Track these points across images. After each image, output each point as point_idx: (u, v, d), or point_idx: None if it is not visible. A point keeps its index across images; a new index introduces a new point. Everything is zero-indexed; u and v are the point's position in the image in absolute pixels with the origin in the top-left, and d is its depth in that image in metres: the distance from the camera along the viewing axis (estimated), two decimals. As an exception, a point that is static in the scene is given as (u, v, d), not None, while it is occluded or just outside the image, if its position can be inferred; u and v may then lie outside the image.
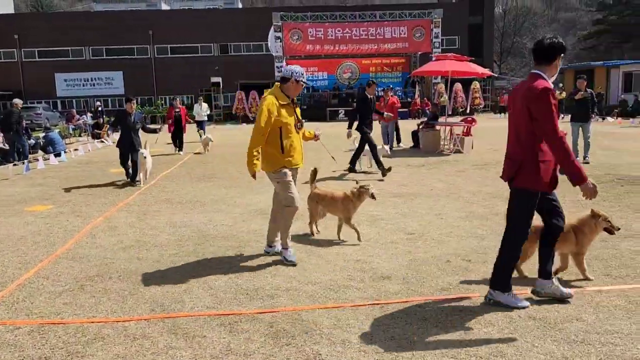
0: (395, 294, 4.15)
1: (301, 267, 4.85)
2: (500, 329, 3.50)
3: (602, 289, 4.11)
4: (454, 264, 4.80)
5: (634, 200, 7.30)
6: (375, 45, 33.16)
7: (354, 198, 5.60)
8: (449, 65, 13.67)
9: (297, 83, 4.91)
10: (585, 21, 64.15)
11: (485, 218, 6.50)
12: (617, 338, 3.31)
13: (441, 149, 13.98)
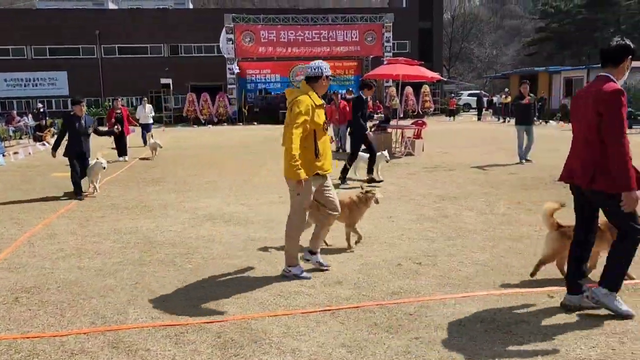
0: (346, 300, 4.10)
1: (249, 273, 4.74)
2: (450, 332, 3.50)
3: (549, 290, 4.20)
4: (405, 267, 4.81)
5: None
6: (327, 48, 33.33)
7: (360, 203, 5.43)
8: (400, 69, 13.85)
9: (326, 79, 4.59)
10: (528, 29, 66.70)
11: (436, 220, 6.57)
12: (563, 339, 3.37)
13: (393, 151, 14.12)
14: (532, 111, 12.14)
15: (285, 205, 7.69)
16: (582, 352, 3.21)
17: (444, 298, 4.07)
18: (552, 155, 12.76)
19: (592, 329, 3.50)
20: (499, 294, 4.13)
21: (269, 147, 16.70)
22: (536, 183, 9.03)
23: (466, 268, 4.77)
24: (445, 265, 4.85)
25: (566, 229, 4.31)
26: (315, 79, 4.55)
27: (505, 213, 6.88)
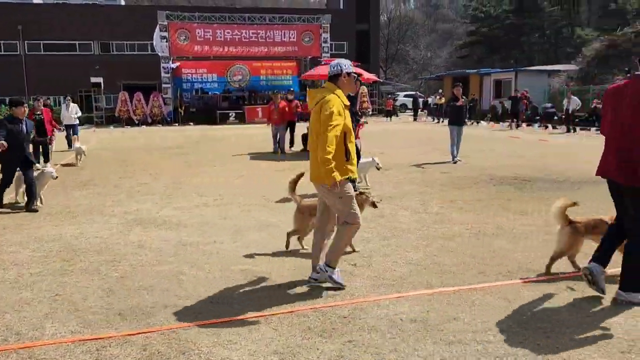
0: (280, 304, 4.01)
1: (179, 280, 4.55)
2: (383, 334, 3.49)
3: (477, 287, 4.29)
4: (340, 268, 4.77)
5: (503, 198, 7.83)
6: (265, 48, 33.06)
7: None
8: (336, 69, 13.88)
9: (349, 77, 4.29)
10: (460, 32, 69.03)
11: (371, 221, 6.58)
12: (491, 335, 3.44)
13: (331, 152, 14.14)
14: (464, 112, 12.60)
15: (219, 207, 7.54)
16: (509, 348, 3.27)
17: (378, 299, 4.07)
18: (483, 155, 13.24)
19: (520, 324, 3.59)
20: (432, 293, 4.17)
21: (206, 148, 16.34)
22: (468, 182, 9.29)
23: (400, 268, 4.79)
24: (379, 266, 4.86)
25: (577, 224, 4.49)
26: (335, 78, 4.31)
27: (438, 212, 7.02)
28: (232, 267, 4.87)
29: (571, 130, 20.81)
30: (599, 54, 29.03)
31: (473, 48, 57.76)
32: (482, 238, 5.74)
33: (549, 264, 4.59)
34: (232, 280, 4.53)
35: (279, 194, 8.49)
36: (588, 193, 8.07)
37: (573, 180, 9.17)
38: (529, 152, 13.83)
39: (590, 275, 3.98)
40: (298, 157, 13.65)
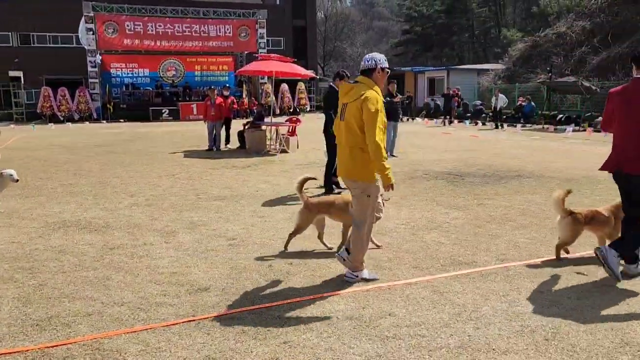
0: (213, 307, 3.87)
1: (105, 286, 4.31)
2: (319, 333, 3.44)
3: (411, 282, 4.33)
4: (276, 269, 4.69)
5: (437, 193, 8.01)
6: (199, 43, 32.31)
7: None
8: (274, 65, 13.75)
9: (383, 72, 4.18)
10: (395, 30, 70.49)
11: (307, 218, 6.54)
12: (424, 329, 3.47)
13: (267, 149, 14.03)
14: (399, 109, 12.90)
15: (150, 207, 7.25)
16: (442, 340, 3.31)
17: (314, 297, 4.01)
18: (418, 151, 13.54)
19: (451, 317, 3.65)
20: (367, 289, 4.17)
21: (137, 146, 15.74)
22: (403, 177, 9.44)
23: (337, 265, 4.75)
24: (316, 264, 4.81)
25: (577, 215, 4.72)
26: (369, 72, 4.19)
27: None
28: (162, 271, 4.66)
29: (499, 126, 21.71)
30: (523, 54, 30.47)
31: (408, 46, 59.18)
32: (417, 233, 5.83)
33: (557, 253, 4.83)
34: (162, 284, 4.33)
35: (213, 193, 8.29)
36: (515, 187, 8.41)
37: (501, 175, 9.52)
38: (460, 148, 14.28)
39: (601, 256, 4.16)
40: (234, 155, 13.42)
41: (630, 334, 3.33)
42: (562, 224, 4.79)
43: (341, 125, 4.25)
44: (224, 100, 14.88)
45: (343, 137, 4.23)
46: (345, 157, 4.21)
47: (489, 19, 55.69)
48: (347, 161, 4.18)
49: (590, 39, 26.29)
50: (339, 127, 4.28)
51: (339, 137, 4.31)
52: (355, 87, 4.18)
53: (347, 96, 4.20)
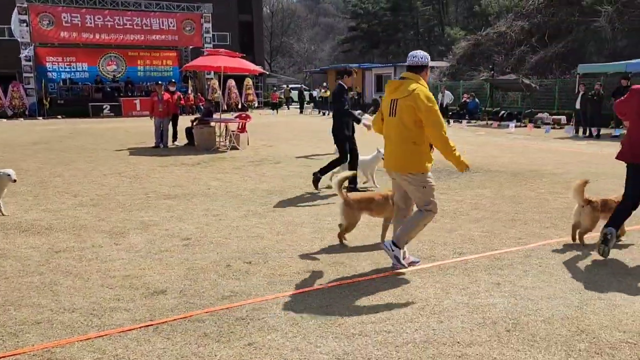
0: (171, 310, 3.72)
1: (53, 291, 4.06)
2: (284, 333, 3.37)
3: (374, 277, 4.33)
4: (234, 268, 4.57)
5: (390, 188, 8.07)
6: (142, 37, 31.27)
7: None
8: (222, 60, 13.48)
9: (428, 70, 4.39)
10: (342, 27, 70.93)
11: (264, 216, 6.44)
12: (390, 325, 3.47)
13: (217, 145, 13.76)
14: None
15: (96, 207, 6.93)
16: (407, 335, 3.32)
17: (276, 297, 3.94)
18: (368, 147, 13.62)
19: (415, 311, 3.67)
20: (329, 287, 4.14)
21: (78, 144, 15.06)
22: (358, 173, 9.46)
23: (297, 263, 4.71)
24: (275, 262, 4.73)
25: (595, 203, 5.05)
26: (420, 69, 4.28)
27: (330, 204, 7.05)
28: (114, 274, 4.45)
29: (446, 122, 22.26)
30: (466, 52, 31.36)
31: (354, 43, 59.69)
32: (374, 228, 5.84)
33: (581, 240, 5.14)
34: (115, 288, 4.13)
35: (163, 191, 8.03)
36: (465, 181, 8.61)
37: (452, 170, 9.70)
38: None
39: (609, 235, 4.53)
40: (182, 152, 13.08)
41: (585, 322, 3.45)
42: (583, 213, 5.08)
43: (391, 121, 4.32)
44: (171, 96, 14.47)
45: (393, 133, 4.31)
46: (398, 151, 4.30)
47: (432, 17, 57.01)
48: (401, 156, 4.28)
49: (528, 38, 27.36)
50: (389, 123, 4.36)
51: (388, 133, 4.40)
52: (404, 83, 4.25)
53: (396, 92, 4.28)
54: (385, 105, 4.41)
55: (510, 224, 5.94)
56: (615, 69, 17.19)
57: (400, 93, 4.24)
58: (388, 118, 4.37)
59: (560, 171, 9.54)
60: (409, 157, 4.24)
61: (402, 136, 4.25)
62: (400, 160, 4.30)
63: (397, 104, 4.24)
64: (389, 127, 4.38)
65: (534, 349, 3.12)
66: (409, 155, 4.24)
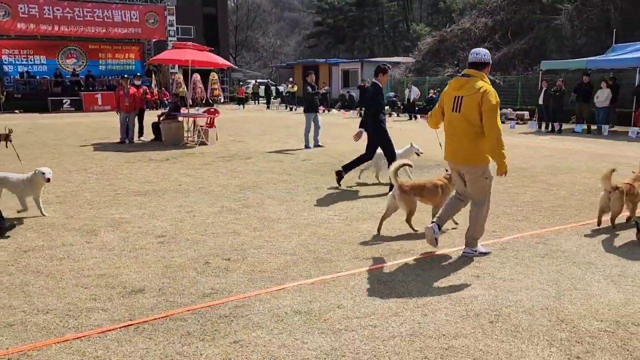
0: (151, 310, 3.63)
1: (24, 292, 3.91)
2: (270, 330, 3.33)
3: (354, 272, 4.33)
4: (213, 265, 4.50)
5: (365, 183, 8.11)
6: (103, 29, 30.40)
7: (450, 184, 5.35)
8: (189, 54, 13.23)
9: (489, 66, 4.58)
10: (307, 22, 70.74)
11: (238, 212, 6.36)
12: (375, 319, 3.47)
13: (185, 141, 13.52)
14: (318, 100, 12.95)
15: (63, 205, 6.70)
16: (393, 329, 3.33)
17: (258, 294, 3.89)
18: (339, 142, 13.66)
19: (399, 305, 3.69)
20: (312, 283, 4.11)
21: (38, 139, 14.55)
22: (329, 168, 9.47)
23: (276, 259, 4.66)
24: (254, 259, 4.68)
25: (621, 189, 5.43)
26: (482, 66, 4.45)
27: (305, 199, 7.02)
28: (88, 273, 4.31)
29: (412, 117, 22.49)
30: (432, 48, 31.75)
31: (320, 38, 59.63)
32: (351, 223, 5.85)
33: (612, 224, 5.54)
34: (90, 288, 4.00)
35: (132, 188, 7.84)
36: (437, 175, 8.70)
37: (423, 164, 9.82)
38: (378, 138, 14.59)
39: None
40: (149, 147, 12.80)
41: (564, 312, 3.54)
42: (612, 198, 5.46)
43: (454, 116, 4.48)
44: (137, 90, 14.12)
45: (458, 127, 4.47)
46: (462, 145, 4.49)
47: (397, 13, 57.45)
48: (466, 149, 4.47)
49: (492, 35, 27.90)
50: (452, 118, 4.51)
51: (452, 127, 4.56)
52: (470, 81, 4.40)
53: (462, 90, 4.43)
54: (448, 101, 4.55)
55: (484, 217, 6.04)
56: (576, 65, 17.71)
57: (467, 91, 4.39)
58: (451, 113, 4.51)
59: (526, 166, 9.77)
60: (472, 151, 4.45)
61: (466, 131, 4.43)
62: (464, 154, 4.52)
63: (462, 101, 4.41)
64: (451, 122, 4.55)
65: (518, 339, 3.18)
66: (472, 149, 4.44)
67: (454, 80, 4.59)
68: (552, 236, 5.30)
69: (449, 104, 4.54)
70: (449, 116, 4.58)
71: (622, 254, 4.75)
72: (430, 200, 5.45)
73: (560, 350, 3.05)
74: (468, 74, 4.45)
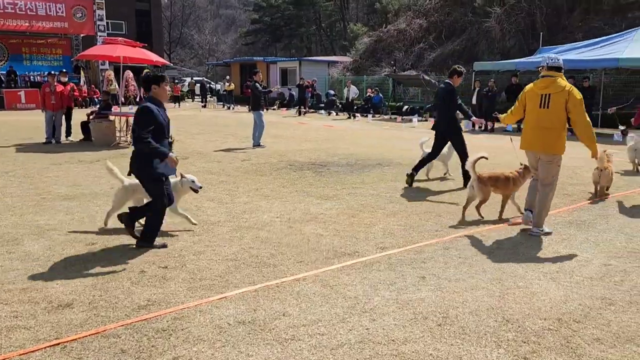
0: (80, 326, 3.34)
1: (-64, 313, 3.50)
2: (212, 343, 3.14)
3: (299, 277, 4.20)
4: (149, 274, 4.23)
5: (305, 184, 7.99)
6: (27, 22, 28.52)
7: (521, 177, 5.86)
8: (121, 50, 12.60)
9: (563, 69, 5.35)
10: (243, 19, 69.82)
11: (173, 215, 6.06)
12: (322, 327, 3.36)
13: (117, 141, 12.89)
14: (262, 98, 12.80)
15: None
16: (342, 337, 3.23)
17: (199, 304, 3.68)
18: (279, 141, 13.48)
19: (346, 310, 3.59)
20: (255, 290, 3.94)
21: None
22: (269, 169, 9.29)
23: (217, 265, 4.45)
24: (194, 265, 4.44)
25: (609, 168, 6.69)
26: (560, 69, 5.25)
27: (246, 201, 6.82)
28: (8, 287, 3.94)
29: (351, 116, 22.65)
30: (369, 48, 32.15)
31: (257, 36, 58.99)
32: (293, 225, 5.72)
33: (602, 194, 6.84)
34: (11, 304, 3.65)
35: (60, 192, 7.34)
36: (378, 175, 8.74)
37: (364, 164, 9.85)
38: (319, 138, 14.54)
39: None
40: (78, 148, 12.09)
41: (509, 312, 3.57)
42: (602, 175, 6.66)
43: (542, 111, 5.24)
44: (64, 88, 13.32)
45: (547, 121, 5.21)
46: (550, 136, 5.22)
47: (334, 12, 57.77)
48: (552, 139, 5.21)
49: (426, 36, 28.60)
50: (540, 113, 5.25)
51: (539, 121, 5.26)
52: (554, 81, 5.19)
53: (549, 88, 5.21)
54: (534, 99, 5.31)
55: (426, 217, 6.08)
56: (507, 67, 18.42)
57: (554, 89, 5.17)
58: (538, 109, 5.26)
59: (464, 163, 9.99)
60: (557, 141, 5.21)
61: (554, 124, 5.19)
62: (550, 143, 5.24)
63: (550, 98, 5.17)
64: (539, 117, 5.26)
65: (466, 342, 3.16)
66: (557, 139, 5.21)
67: (540, 81, 5.31)
68: (492, 234, 5.40)
69: (535, 101, 5.29)
70: (536, 112, 5.30)
71: (558, 250, 4.89)
72: (502, 191, 5.97)
73: (508, 351, 3.05)
74: (550, 75, 5.22)
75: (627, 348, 3.09)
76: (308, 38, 58.41)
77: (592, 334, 3.26)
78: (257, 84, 12.62)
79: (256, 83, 12.63)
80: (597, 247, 4.98)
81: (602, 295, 3.84)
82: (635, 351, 3.06)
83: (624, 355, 3.01)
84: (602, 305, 3.68)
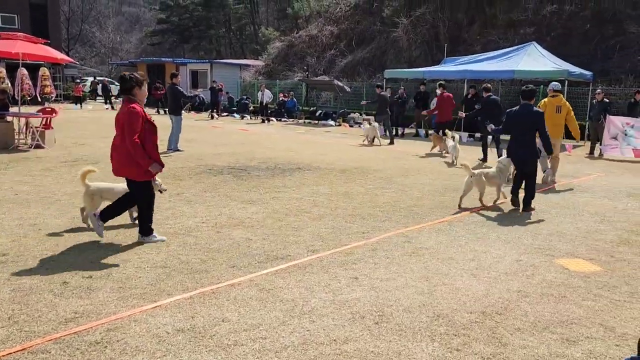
0: (3, 343, 3.10)
1: None
2: (152, 353, 3.05)
3: (234, 282, 4.17)
4: (73, 285, 4.00)
5: (228, 188, 7.90)
6: None
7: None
8: (21, 46, 11.68)
9: None
10: (149, 18, 67.25)
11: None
12: (264, 331, 3.37)
13: (16, 144, 11.94)
14: (181, 101, 12.49)
15: None
16: (284, 339, 3.27)
17: (132, 314, 3.54)
18: (195, 145, 13.17)
19: (285, 313, 3.63)
20: (190, 296, 3.87)
21: None
22: (189, 173, 9.07)
23: (146, 273, 4.30)
24: (121, 274, 4.26)
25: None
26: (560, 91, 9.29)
27: (168, 207, 6.62)
28: None
29: (266, 120, 22.62)
30: (281, 53, 32.30)
31: (164, 36, 57.09)
32: (221, 230, 5.65)
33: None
34: None
35: (-43, 199, 6.69)
36: (299, 179, 8.84)
37: (283, 168, 9.90)
38: (234, 142, 14.38)
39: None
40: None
41: (438, 307, 3.79)
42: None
43: (557, 115, 8.95)
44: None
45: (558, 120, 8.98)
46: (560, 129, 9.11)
47: (244, 15, 57.34)
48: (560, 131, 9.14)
49: (337, 43, 29.27)
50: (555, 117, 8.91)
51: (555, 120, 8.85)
52: (560, 97, 9.13)
53: (558, 102, 9.05)
54: (551, 108, 8.92)
55: (351, 219, 6.26)
56: (415, 75, 19.32)
57: (561, 102, 9.07)
58: (554, 114, 8.91)
59: (380, 167, 10.37)
60: (562, 131, 9.26)
61: (561, 122, 9.06)
62: (559, 132, 9.05)
63: (561, 108, 8.99)
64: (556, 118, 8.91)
65: (403, 338, 3.32)
66: (562, 130, 9.26)
67: (554, 99, 9.04)
68: (414, 234, 5.68)
69: (552, 109, 8.94)
70: (553, 115, 8.85)
71: (475, 248, 5.25)
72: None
73: (442, 344, 3.25)
74: (556, 95, 9.08)
75: (544, 335, 3.41)
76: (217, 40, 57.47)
77: (513, 324, 3.56)
78: (179, 88, 12.33)
79: (177, 86, 12.28)
80: (507, 245, 5.41)
81: (518, 289, 4.19)
82: (551, 338, 3.38)
83: (542, 342, 3.32)
84: (519, 297, 4.02)
